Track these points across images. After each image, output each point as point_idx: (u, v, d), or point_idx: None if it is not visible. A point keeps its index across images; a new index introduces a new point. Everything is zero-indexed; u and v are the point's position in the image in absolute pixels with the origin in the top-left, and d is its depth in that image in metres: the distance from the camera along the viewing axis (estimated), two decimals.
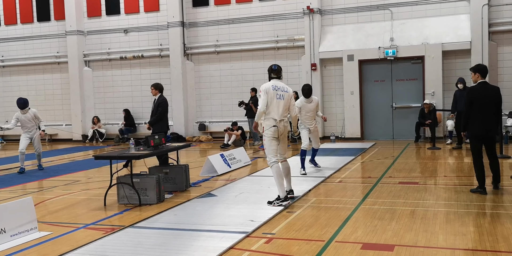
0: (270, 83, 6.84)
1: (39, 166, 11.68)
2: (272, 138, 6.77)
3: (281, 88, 6.85)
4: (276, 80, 6.92)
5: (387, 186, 8.01)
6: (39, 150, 11.56)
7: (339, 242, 5.09)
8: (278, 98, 6.76)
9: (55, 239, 5.58)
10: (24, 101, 11.38)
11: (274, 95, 6.74)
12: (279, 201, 6.70)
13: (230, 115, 17.90)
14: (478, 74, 7.31)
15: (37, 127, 11.42)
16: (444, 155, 12.03)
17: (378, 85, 16.06)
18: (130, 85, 19.27)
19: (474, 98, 7.18)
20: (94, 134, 19.07)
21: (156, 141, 7.86)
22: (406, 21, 15.80)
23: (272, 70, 6.97)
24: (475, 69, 7.36)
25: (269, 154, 6.82)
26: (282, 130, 6.82)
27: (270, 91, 6.72)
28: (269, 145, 6.80)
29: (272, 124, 6.73)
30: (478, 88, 7.26)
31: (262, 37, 17.39)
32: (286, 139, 7.04)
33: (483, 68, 7.35)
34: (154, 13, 18.70)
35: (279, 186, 6.74)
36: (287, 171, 7.06)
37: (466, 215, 6.01)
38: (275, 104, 6.73)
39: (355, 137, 16.05)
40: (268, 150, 6.82)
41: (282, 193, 6.74)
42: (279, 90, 6.79)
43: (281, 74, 7.03)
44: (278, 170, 6.78)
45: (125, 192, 7.24)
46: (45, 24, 20.27)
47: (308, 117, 9.52)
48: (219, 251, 4.86)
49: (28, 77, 20.63)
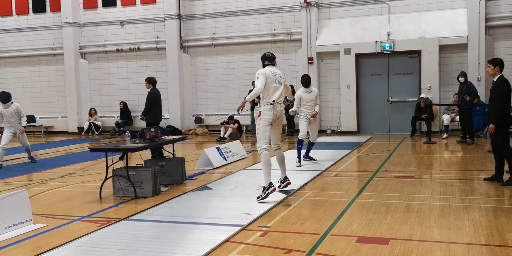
0: (268, 69, 6.88)
1: (31, 158, 11.47)
2: (268, 123, 6.77)
3: (278, 74, 6.95)
4: (271, 66, 6.97)
5: (382, 180, 8.03)
6: (26, 144, 11.23)
7: (335, 235, 5.10)
8: (277, 83, 6.85)
9: (50, 231, 5.58)
10: (7, 95, 10.90)
11: (274, 80, 6.80)
12: (265, 191, 6.63)
13: (227, 108, 17.87)
14: (498, 68, 7.37)
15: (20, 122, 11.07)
16: (440, 149, 12.06)
17: (375, 79, 16.05)
18: (126, 77, 19.19)
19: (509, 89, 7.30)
20: (90, 126, 19.01)
21: (152, 133, 7.84)
22: (403, 15, 15.77)
23: (266, 57, 7.01)
24: (496, 62, 7.40)
25: (261, 139, 6.78)
26: (278, 114, 6.85)
27: (269, 75, 6.76)
28: (263, 131, 6.78)
29: (270, 107, 6.74)
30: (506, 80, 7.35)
31: (259, 30, 17.33)
32: (281, 126, 7.06)
33: (502, 62, 7.41)
34: (151, 5, 18.59)
35: (265, 174, 6.69)
36: (281, 159, 7.12)
37: (461, 209, 6.03)
38: (273, 89, 6.78)
39: (351, 130, 16.07)
40: (261, 136, 6.79)
41: (267, 182, 6.66)
42: (277, 75, 6.88)
43: (275, 62, 7.09)
44: (268, 158, 6.73)
45: (121, 184, 7.23)
46: (40, 15, 20.13)
47: (308, 107, 9.64)
48: (214, 244, 4.87)
49: (24, 69, 20.52)
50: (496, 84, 7.39)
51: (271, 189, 6.63)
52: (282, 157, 7.13)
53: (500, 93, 7.30)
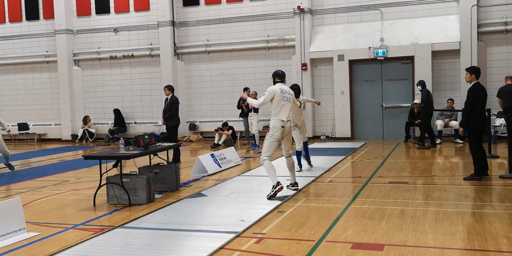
0: (278, 86, 7.29)
1: (9, 166, 11.25)
2: (276, 140, 7.22)
3: (287, 91, 7.39)
4: (281, 84, 7.40)
5: (377, 186, 8.04)
6: (6, 153, 11.09)
7: (329, 241, 5.09)
8: (285, 100, 7.25)
9: (43, 240, 5.54)
10: None
11: (282, 97, 7.20)
12: (272, 189, 7.08)
13: (221, 115, 17.88)
14: (474, 75, 8.20)
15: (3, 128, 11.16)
16: (434, 154, 12.10)
17: (368, 85, 16.11)
18: (120, 84, 19.17)
19: (479, 96, 8.05)
20: (84, 133, 18.95)
21: (146, 140, 7.83)
22: (396, 21, 15.87)
23: (277, 75, 7.45)
24: (473, 70, 8.26)
25: (265, 152, 7.25)
26: (287, 131, 7.31)
27: (278, 93, 7.18)
28: (270, 146, 7.24)
29: (280, 125, 7.16)
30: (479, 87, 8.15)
31: (252, 37, 17.39)
32: (290, 138, 7.57)
33: (478, 70, 8.29)
34: (144, 12, 18.61)
35: (271, 175, 7.16)
36: (292, 165, 7.62)
37: (455, 214, 6.04)
38: (282, 106, 7.19)
39: (345, 136, 16.10)
40: (267, 149, 7.24)
41: (275, 181, 7.10)
42: (285, 93, 7.29)
43: (285, 79, 7.55)
44: (270, 163, 7.21)
45: (115, 192, 7.20)
46: (34, 23, 20.10)
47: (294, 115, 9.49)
48: (209, 251, 4.85)
49: (17, 76, 20.44)
50: (468, 91, 8.21)
51: (279, 187, 7.06)
52: (292, 164, 7.63)
53: (468, 98, 8.10)
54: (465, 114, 8.26)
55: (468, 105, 8.15)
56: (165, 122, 11.66)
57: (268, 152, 7.25)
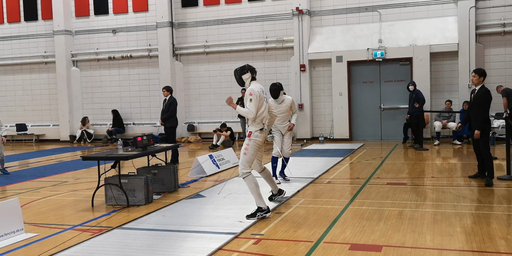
0: (258, 86, 6.28)
1: (3, 170, 11.02)
2: (258, 147, 6.30)
3: (264, 90, 6.37)
4: (256, 82, 6.37)
5: (375, 187, 8.05)
6: (1, 155, 10.82)
7: (328, 242, 5.10)
8: (266, 101, 6.36)
9: (42, 241, 5.54)
10: None
11: (263, 99, 6.28)
12: (262, 213, 6.14)
13: (219, 115, 17.88)
14: (482, 78, 8.09)
15: None
16: (432, 156, 12.11)
17: (367, 86, 16.13)
18: (118, 85, 19.16)
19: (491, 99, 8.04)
20: (82, 134, 18.93)
21: (144, 141, 7.83)
22: (395, 22, 15.89)
23: (252, 69, 6.34)
24: (481, 72, 8.12)
25: (247, 162, 6.23)
26: (266, 136, 6.46)
27: (261, 96, 6.20)
28: (251, 154, 6.25)
29: (259, 128, 6.24)
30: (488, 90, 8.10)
31: (251, 38, 17.40)
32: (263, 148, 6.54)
33: (486, 73, 8.20)
34: (143, 13, 18.62)
35: (257, 197, 6.20)
36: (270, 177, 6.86)
37: (453, 215, 6.05)
38: (263, 108, 6.26)
39: (343, 138, 16.10)
40: (249, 158, 6.24)
41: (263, 204, 6.21)
42: (263, 93, 6.32)
43: None
44: (253, 180, 6.22)
45: (113, 193, 7.20)
46: (32, 23, 20.09)
47: (279, 118, 8.27)
48: (207, 252, 4.85)
49: (15, 77, 20.42)
50: (481, 94, 8.02)
51: (269, 214, 6.22)
52: (270, 175, 6.88)
53: (485, 102, 7.97)
54: (482, 118, 7.95)
55: (486, 108, 7.98)
56: (163, 123, 11.66)
57: (249, 162, 6.24)
